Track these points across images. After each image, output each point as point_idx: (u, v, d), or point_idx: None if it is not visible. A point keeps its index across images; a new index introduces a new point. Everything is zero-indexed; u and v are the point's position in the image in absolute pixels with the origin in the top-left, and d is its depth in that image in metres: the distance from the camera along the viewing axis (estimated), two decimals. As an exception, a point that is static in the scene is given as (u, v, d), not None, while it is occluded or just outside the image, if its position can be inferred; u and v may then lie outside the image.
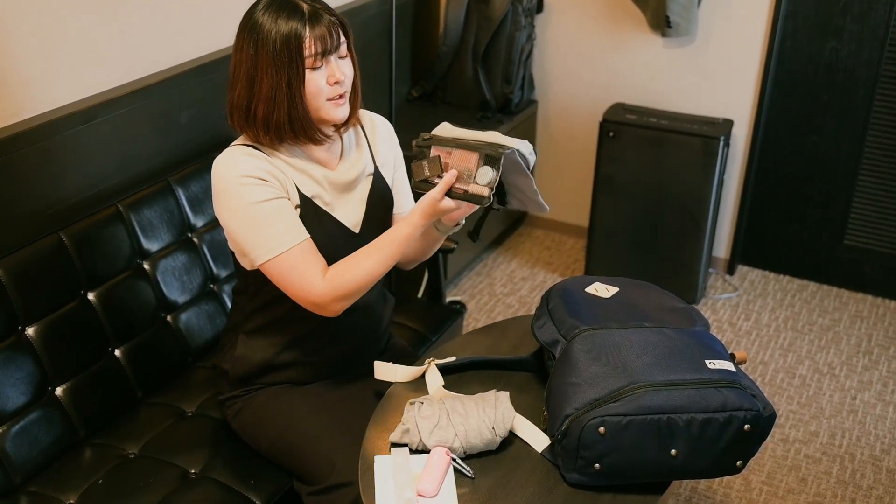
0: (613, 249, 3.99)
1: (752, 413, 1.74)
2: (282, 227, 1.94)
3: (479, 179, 1.86)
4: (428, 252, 2.24)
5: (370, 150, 2.19)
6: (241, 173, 1.94)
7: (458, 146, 1.89)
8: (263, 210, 1.94)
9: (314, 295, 1.95)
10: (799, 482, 3.01)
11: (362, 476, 1.79)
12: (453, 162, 1.89)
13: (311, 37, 1.91)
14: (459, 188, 1.88)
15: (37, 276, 2.23)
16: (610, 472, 1.73)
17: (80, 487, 2.15)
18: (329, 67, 1.95)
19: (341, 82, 1.96)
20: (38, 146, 2.33)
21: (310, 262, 1.96)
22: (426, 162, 1.91)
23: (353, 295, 1.97)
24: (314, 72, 1.93)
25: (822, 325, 3.87)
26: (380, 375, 2.07)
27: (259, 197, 1.94)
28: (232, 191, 1.95)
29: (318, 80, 1.94)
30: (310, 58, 1.91)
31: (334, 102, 1.97)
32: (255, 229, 1.94)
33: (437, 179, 1.90)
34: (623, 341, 1.82)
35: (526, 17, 4.05)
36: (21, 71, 2.33)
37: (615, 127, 3.79)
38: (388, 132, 2.27)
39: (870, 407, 3.36)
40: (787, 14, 3.76)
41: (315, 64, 1.92)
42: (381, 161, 2.21)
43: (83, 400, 2.29)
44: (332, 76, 1.94)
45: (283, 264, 1.95)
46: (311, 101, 1.95)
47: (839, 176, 3.94)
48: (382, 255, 1.95)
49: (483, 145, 1.86)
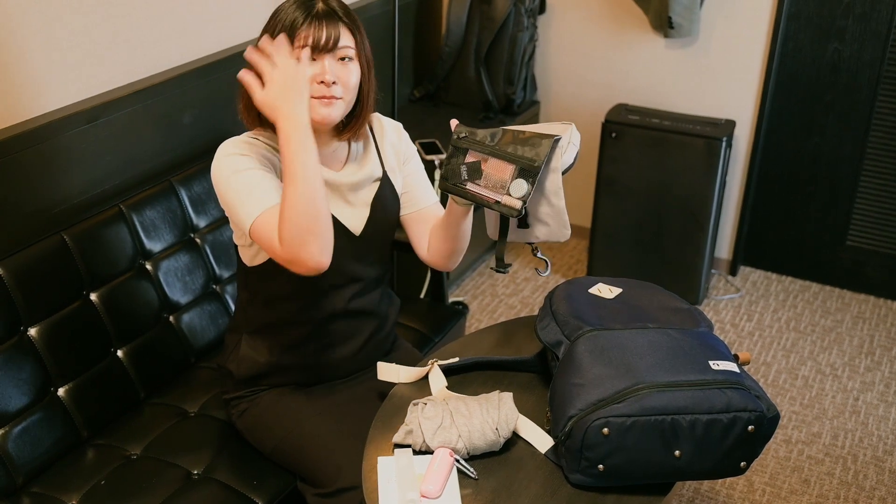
0: (616, 250, 3.99)
1: (756, 414, 1.73)
2: (259, 192, 1.90)
3: (512, 192, 1.81)
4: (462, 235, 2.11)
5: (379, 154, 2.18)
6: (228, 152, 1.96)
7: (494, 154, 1.83)
8: (243, 178, 1.92)
9: (278, 250, 1.83)
10: (802, 483, 3.00)
11: (366, 477, 1.79)
12: (488, 170, 1.83)
13: (308, 30, 1.92)
14: (490, 198, 1.83)
15: (39, 276, 2.23)
16: (614, 473, 1.73)
17: (82, 488, 2.14)
18: (321, 66, 1.93)
19: (328, 83, 1.93)
20: (40, 146, 2.33)
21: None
22: (464, 166, 1.85)
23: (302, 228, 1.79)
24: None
25: (824, 326, 3.86)
26: (383, 376, 2.06)
27: (241, 166, 1.93)
28: (220, 168, 1.95)
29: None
30: (297, 49, 1.90)
31: (319, 102, 1.95)
32: (238, 197, 1.91)
33: (472, 185, 1.84)
34: (627, 342, 1.82)
35: (528, 18, 4.05)
36: (24, 71, 2.33)
37: (617, 128, 3.79)
38: (397, 133, 2.25)
39: (872, 408, 3.36)
40: (790, 15, 3.75)
41: (301, 56, 1.89)
42: (389, 166, 2.19)
43: (85, 400, 2.29)
44: (320, 75, 1.93)
45: (260, 227, 1.87)
46: None
47: (841, 177, 3.93)
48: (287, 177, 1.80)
49: (521, 158, 1.81)
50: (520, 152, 1.82)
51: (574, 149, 1.87)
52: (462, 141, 1.88)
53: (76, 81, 2.48)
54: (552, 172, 1.85)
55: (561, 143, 1.85)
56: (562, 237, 1.92)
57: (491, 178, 1.83)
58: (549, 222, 1.91)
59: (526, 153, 1.82)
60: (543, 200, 1.88)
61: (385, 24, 3.74)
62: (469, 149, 1.86)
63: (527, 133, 1.85)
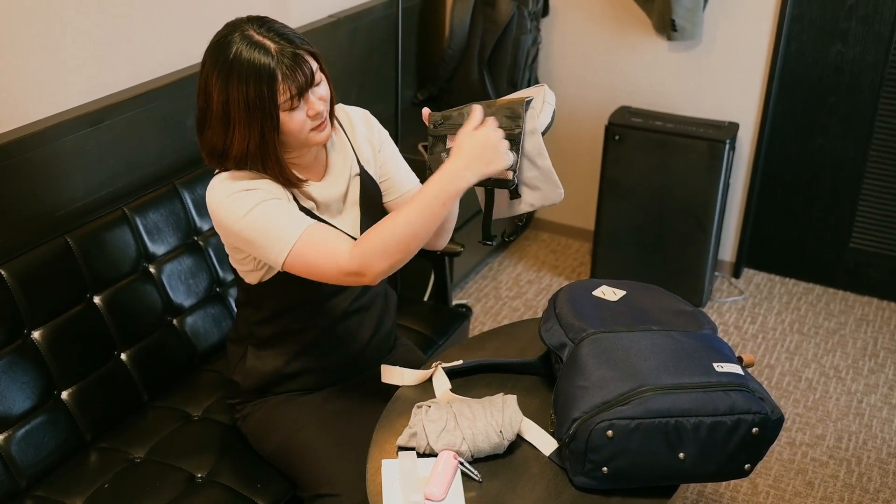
0: (619, 253, 3.98)
1: (760, 416, 1.73)
2: (283, 221, 1.88)
3: None
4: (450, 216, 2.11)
5: (353, 148, 2.16)
6: (227, 193, 1.91)
7: None
8: (261, 213, 1.88)
9: (343, 262, 1.83)
10: (806, 485, 3.00)
11: (370, 480, 1.79)
12: None
13: (285, 82, 1.84)
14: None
15: (42, 279, 2.23)
16: (618, 475, 1.73)
17: (86, 491, 2.14)
18: (308, 102, 1.89)
19: (321, 112, 1.92)
20: (43, 150, 2.33)
21: (328, 236, 1.87)
22: (444, 153, 1.86)
23: (389, 253, 1.81)
24: (293, 112, 1.88)
25: (827, 328, 3.86)
26: (387, 379, 2.06)
27: (249, 204, 1.89)
28: (225, 211, 1.91)
29: (298, 116, 1.89)
30: (286, 102, 1.86)
31: (317, 130, 1.93)
32: (263, 234, 1.88)
33: None
34: (631, 345, 1.82)
35: (531, 21, 4.05)
36: (27, 74, 2.33)
37: (621, 130, 3.79)
38: (365, 121, 2.21)
39: (876, 410, 3.36)
40: (793, 17, 3.75)
41: (293, 105, 1.87)
42: (364, 158, 2.17)
43: (89, 404, 2.29)
44: (312, 109, 1.90)
45: (301, 253, 1.86)
46: (297, 136, 1.91)
47: (844, 179, 3.93)
48: (421, 208, 1.80)
49: (499, 128, 1.81)
50: (497, 124, 1.82)
51: (550, 108, 1.86)
52: (439, 129, 1.88)
53: (79, 84, 2.48)
54: (531, 134, 1.84)
55: (534, 104, 1.84)
56: (556, 198, 1.89)
57: None
58: (540, 185, 1.88)
59: (503, 123, 1.82)
60: (529, 165, 1.86)
61: (388, 27, 3.74)
62: (447, 134, 1.87)
63: (497, 103, 1.85)
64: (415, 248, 1.84)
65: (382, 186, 2.21)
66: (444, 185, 1.80)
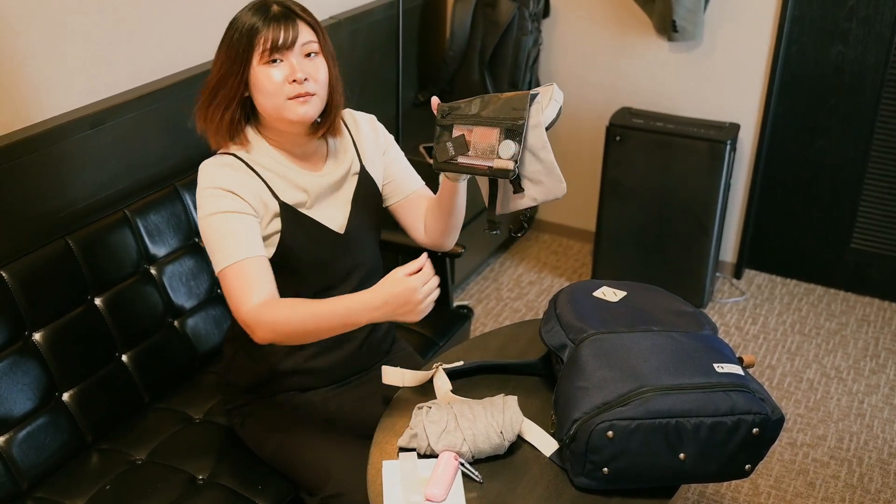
0: (620, 253, 3.98)
1: (760, 417, 1.73)
2: (231, 242, 1.93)
3: (501, 153, 1.83)
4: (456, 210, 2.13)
5: (356, 147, 2.18)
6: (208, 184, 1.97)
7: (479, 122, 1.85)
8: (216, 222, 1.94)
9: (241, 313, 1.89)
10: (807, 486, 3.00)
11: (371, 481, 1.79)
12: (474, 139, 1.85)
13: (267, 32, 1.92)
14: (483, 164, 1.85)
15: (44, 281, 2.23)
16: (618, 476, 1.73)
17: (87, 493, 2.15)
18: (289, 65, 1.94)
19: (300, 80, 1.94)
20: (45, 151, 2.33)
21: (249, 280, 1.91)
22: (450, 143, 1.88)
23: (280, 331, 1.87)
24: (270, 68, 1.93)
25: (829, 328, 3.86)
26: (388, 380, 2.06)
27: (215, 209, 1.94)
28: (200, 201, 1.98)
29: (274, 75, 1.93)
30: (263, 52, 1.92)
31: (295, 101, 1.95)
32: (210, 240, 1.95)
33: (462, 158, 1.86)
34: (631, 345, 1.82)
35: (532, 22, 4.05)
36: (29, 76, 2.33)
37: (622, 131, 3.79)
38: (371, 125, 2.24)
39: (877, 410, 3.35)
40: (794, 18, 3.75)
41: (269, 58, 1.92)
42: (367, 159, 2.19)
43: (90, 405, 2.29)
44: (291, 74, 1.93)
45: (226, 277, 1.92)
46: (269, 98, 1.95)
47: (845, 179, 3.93)
48: (325, 314, 1.85)
49: (503, 119, 1.83)
50: (501, 114, 1.84)
51: (556, 105, 1.87)
52: (445, 118, 1.90)
53: (80, 86, 2.48)
54: (534, 128, 1.85)
55: (540, 98, 1.86)
56: (559, 192, 1.89)
57: (479, 146, 1.85)
58: (543, 180, 1.89)
59: (507, 114, 1.84)
60: (532, 158, 1.87)
61: (389, 29, 3.74)
62: (454, 124, 1.89)
63: (503, 96, 1.87)
64: (303, 341, 1.92)
65: (387, 189, 2.23)
66: (351, 314, 1.84)
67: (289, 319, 1.86)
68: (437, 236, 2.21)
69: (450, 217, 2.14)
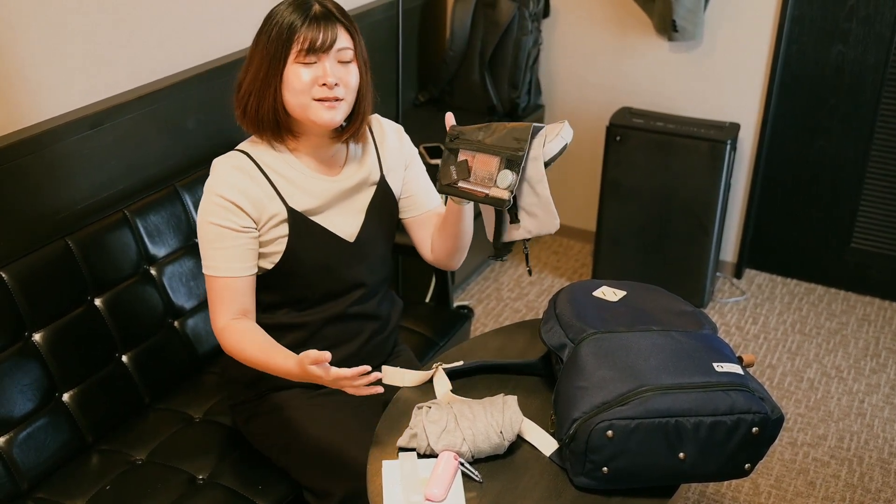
0: (621, 253, 3.98)
1: (760, 416, 1.73)
2: (219, 255, 2.00)
3: (499, 183, 1.85)
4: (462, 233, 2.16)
5: (378, 156, 2.18)
6: (216, 190, 1.99)
7: (481, 149, 1.88)
8: (210, 233, 2.00)
9: (216, 324, 2.03)
10: (807, 485, 3.00)
11: (370, 481, 1.79)
12: (476, 166, 1.88)
13: (306, 31, 1.93)
14: (481, 191, 1.87)
15: (43, 281, 2.23)
16: (618, 475, 1.73)
17: (87, 493, 2.15)
18: (322, 67, 1.95)
19: (330, 85, 1.95)
20: (45, 151, 2.33)
21: (225, 297, 2.02)
22: (453, 167, 1.90)
23: (235, 355, 2.02)
24: (303, 67, 1.94)
25: (829, 328, 3.86)
26: (388, 380, 2.06)
27: (214, 219, 1.99)
28: (204, 200, 2.02)
29: (303, 75, 1.94)
30: (299, 52, 1.93)
31: (322, 104, 1.96)
32: (202, 243, 2.02)
33: (463, 183, 1.89)
34: (631, 345, 1.82)
35: (532, 22, 4.05)
36: (28, 76, 2.33)
37: (622, 131, 3.79)
38: (397, 136, 2.25)
39: (878, 410, 3.35)
40: (794, 17, 3.75)
41: (304, 59, 1.93)
42: (388, 168, 2.20)
43: (90, 406, 2.29)
44: (322, 77, 1.94)
45: (208, 283, 2.03)
46: (296, 96, 1.96)
47: (846, 179, 3.93)
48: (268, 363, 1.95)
49: (505, 149, 1.85)
50: (504, 143, 1.86)
51: (562, 141, 1.89)
52: (454, 142, 1.92)
53: (80, 86, 2.48)
54: (533, 161, 1.86)
55: (545, 132, 1.88)
56: (552, 228, 1.91)
57: (479, 173, 1.88)
58: (538, 213, 1.90)
59: (509, 144, 1.86)
60: (529, 190, 1.89)
61: (389, 29, 3.74)
62: (460, 148, 1.91)
63: (508, 125, 1.89)
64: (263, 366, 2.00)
65: (404, 203, 2.24)
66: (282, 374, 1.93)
67: (242, 351, 1.99)
68: (443, 256, 2.22)
69: (455, 239, 2.15)
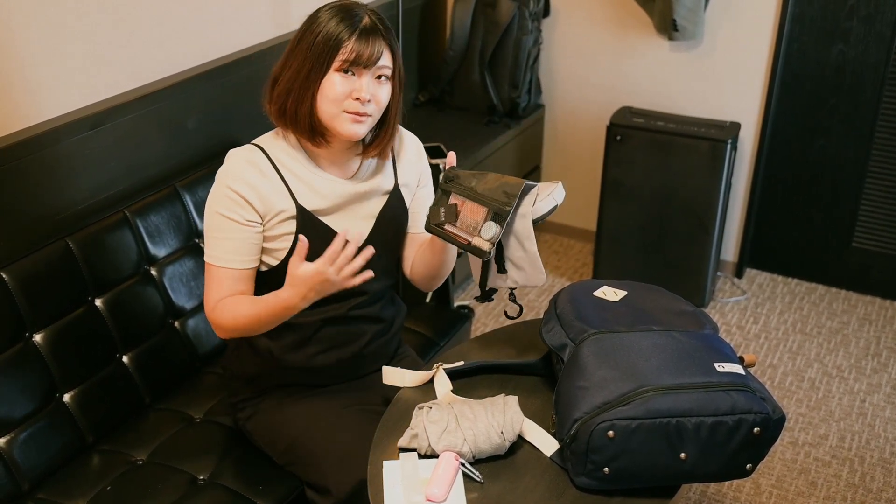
0: (621, 253, 3.98)
1: (761, 416, 1.73)
2: (221, 245, 2.02)
3: (483, 234, 1.88)
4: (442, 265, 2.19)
5: (394, 167, 2.18)
6: (226, 181, 2.00)
7: (471, 197, 1.91)
8: (216, 222, 2.01)
9: (208, 308, 2.05)
10: (809, 485, 3.00)
11: (371, 481, 1.79)
12: (464, 212, 1.91)
13: (353, 44, 1.92)
14: (464, 238, 1.91)
15: (44, 282, 2.23)
16: (619, 475, 1.73)
17: (87, 494, 2.15)
18: (360, 81, 1.94)
19: (363, 101, 1.95)
20: (45, 152, 2.33)
21: (223, 286, 2.03)
22: (443, 208, 1.94)
23: (232, 328, 2.02)
24: (341, 76, 1.93)
25: (830, 328, 3.86)
26: (388, 380, 2.06)
27: (220, 208, 2.00)
28: (214, 190, 2.03)
29: (340, 85, 1.93)
30: (342, 62, 1.92)
31: (350, 117, 1.96)
32: (207, 231, 2.04)
33: (449, 226, 1.92)
34: (632, 345, 1.82)
35: (532, 22, 4.05)
36: (28, 77, 2.33)
37: (622, 131, 3.79)
38: (417, 151, 2.26)
39: (879, 409, 3.35)
40: (794, 17, 3.75)
41: (345, 69, 1.93)
42: (403, 181, 2.20)
43: (91, 406, 2.29)
44: (357, 91, 1.94)
45: (208, 271, 2.05)
46: (327, 104, 1.95)
47: (847, 178, 3.93)
48: (259, 310, 1.97)
49: (494, 201, 1.88)
50: (494, 196, 1.89)
51: (552, 202, 1.92)
52: (448, 185, 1.96)
53: (80, 87, 2.48)
54: (521, 217, 1.91)
55: (536, 190, 1.92)
56: (537, 282, 1.96)
57: (465, 220, 1.91)
58: (525, 267, 1.95)
59: (499, 197, 1.89)
60: (517, 245, 1.94)
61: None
62: (452, 191, 1.94)
63: (503, 178, 1.92)
64: (253, 333, 2.05)
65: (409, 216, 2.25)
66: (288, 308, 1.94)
67: (235, 316, 1.99)
68: (420, 279, 2.25)
69: (434, 269, 2.19)
